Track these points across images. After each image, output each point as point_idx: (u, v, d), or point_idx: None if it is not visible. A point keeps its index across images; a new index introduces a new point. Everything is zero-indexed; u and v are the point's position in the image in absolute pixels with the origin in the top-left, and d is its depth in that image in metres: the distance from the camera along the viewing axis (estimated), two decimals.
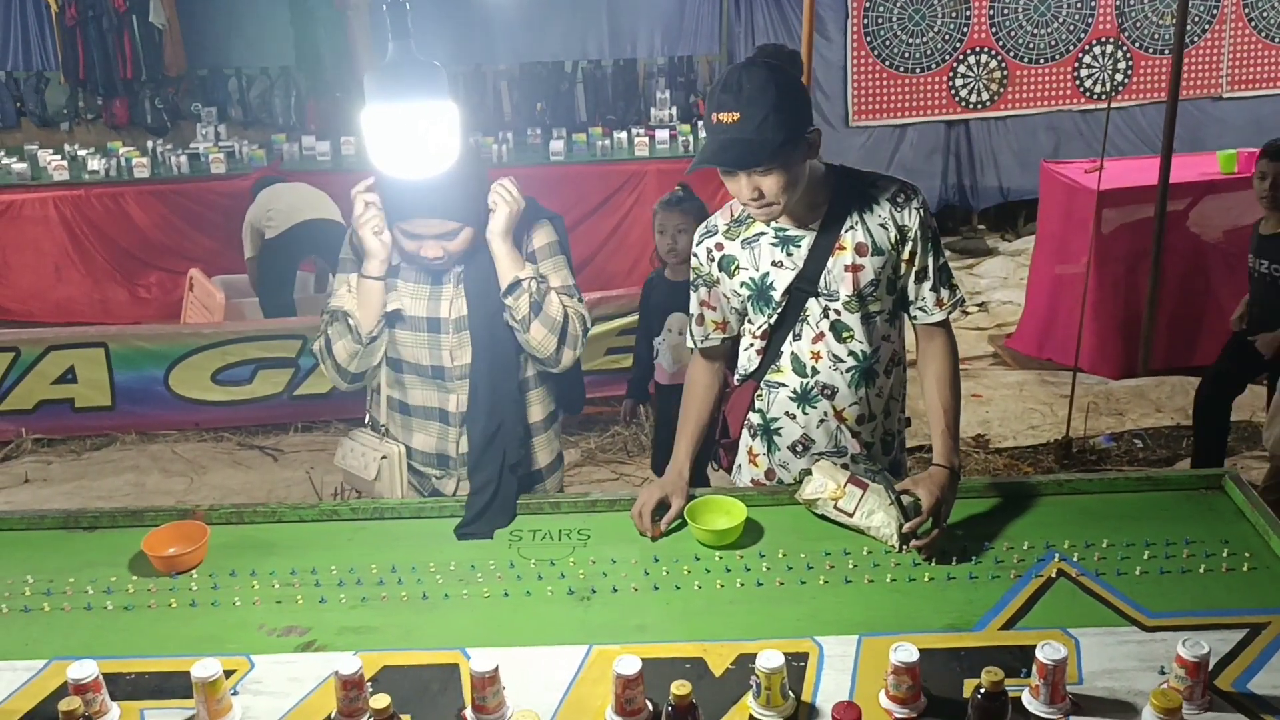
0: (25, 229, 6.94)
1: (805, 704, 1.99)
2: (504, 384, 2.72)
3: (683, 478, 2.63)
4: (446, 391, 2.76)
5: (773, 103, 2.32)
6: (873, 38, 8.33)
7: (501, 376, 2.71)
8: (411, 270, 2.72)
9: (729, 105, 2.34)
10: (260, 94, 8.53)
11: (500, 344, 2.70)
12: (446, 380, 2.75)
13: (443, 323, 2.71)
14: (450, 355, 2.72)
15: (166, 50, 8.14)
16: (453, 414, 2.77)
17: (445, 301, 2.70)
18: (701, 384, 2.77)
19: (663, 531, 2.54)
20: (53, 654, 2.19)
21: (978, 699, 1.81)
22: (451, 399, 2.76)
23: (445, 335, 2.71)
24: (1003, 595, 2.29)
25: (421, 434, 2.83)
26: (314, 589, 2.40)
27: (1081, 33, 8.51)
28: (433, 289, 2.71)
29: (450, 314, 2.70)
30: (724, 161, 2.38)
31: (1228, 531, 2.47)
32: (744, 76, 2.35)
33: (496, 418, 2.69)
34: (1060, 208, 6.37)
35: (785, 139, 2.33)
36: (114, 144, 7.72)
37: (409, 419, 2.83)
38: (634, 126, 7.84)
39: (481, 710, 1.97)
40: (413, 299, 2.72)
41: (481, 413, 2.70)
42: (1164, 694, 1.79)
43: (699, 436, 2.74)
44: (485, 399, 2.70)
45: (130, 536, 2.58)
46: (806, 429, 2.68)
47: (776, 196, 2.40)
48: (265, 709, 2.03)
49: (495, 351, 2.70)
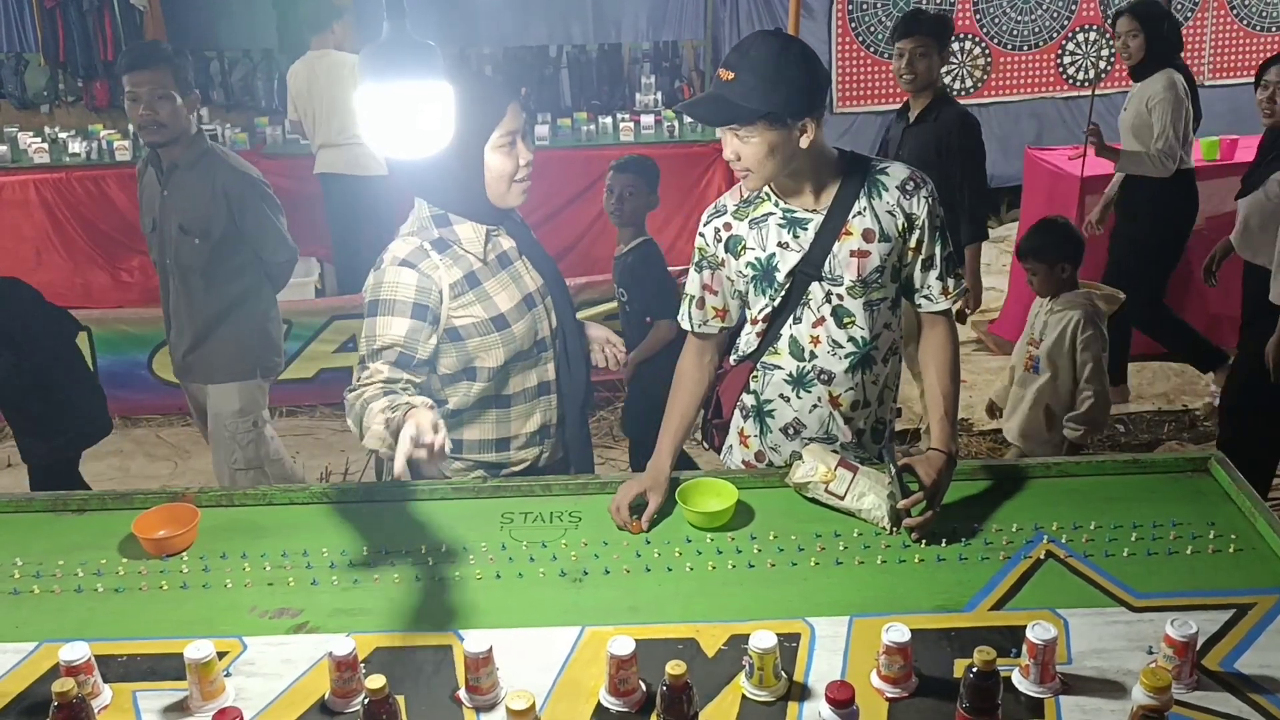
0: (5, 212, 6.87)
1: (798, 684, 2.01)
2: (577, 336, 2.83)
3: (663, 474, 2.60)
4: (544, 364, 2.72)
5: (767, 74, 2.33)
6: (857, 24, 8.32)
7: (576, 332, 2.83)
8: (482, 269, 2.61)
9: (731, 64, 2.38)
10: (243, 77, 8.46)
11: (567, 299, 2.80)
12: (542, 352, 2.71)
13: (534, 296, 2.69)
14: (544, 324, 2.71)
15: (148, 32, 8.06)
16: (551, 383, 2.75)
17: (525, 277, 2.69)
18: (691, 378, 2.74)
19: (644, 528, 2.51)
20: (44, 636, 2.19)
21: (970, 678, 1.82)
22: (549, 369, 2.74)
23: (539, 308, 2.70)
24: (992, 576, 2.31)
25: (521, 419, 2.74)
26: (305, 571, 2.40)
27: (1065, 20, 8.52)
28: (509, 272, 2.67)
29: (534, 285, 2.71)
30: (694, 113, 2.47)
31: (1214, 513, 2.49)
32: (756, 42, 2.39)
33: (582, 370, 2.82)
34: (1044, 194, 6.39)
35: (765, 113, 2.34)
36: (95, 126, 7.65)
37: (506, 410, 2.71)
38: (619, 112, 7.82)
39: (475, 691, 1.98)
40: (504, 289, 2.64)
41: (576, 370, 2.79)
42: (1154, 673, 1.81)
43: (683, 434, 2.72)
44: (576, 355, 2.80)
45: (120, 519, 2.57)
46: (799, 413, 2.68)
47: (751, 165, 2.42)
48: (258, 690, 2.03)
49: (567, 306, 2.80)
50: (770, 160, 2.41)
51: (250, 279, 3.98)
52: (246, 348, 4.05)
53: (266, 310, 4.09)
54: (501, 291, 2.63)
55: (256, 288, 4.02)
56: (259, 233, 3.88)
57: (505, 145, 2.52)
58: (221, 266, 3.90)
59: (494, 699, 1.98)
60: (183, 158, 3.80)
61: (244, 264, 3.94)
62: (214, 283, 3.93)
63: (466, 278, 2.58)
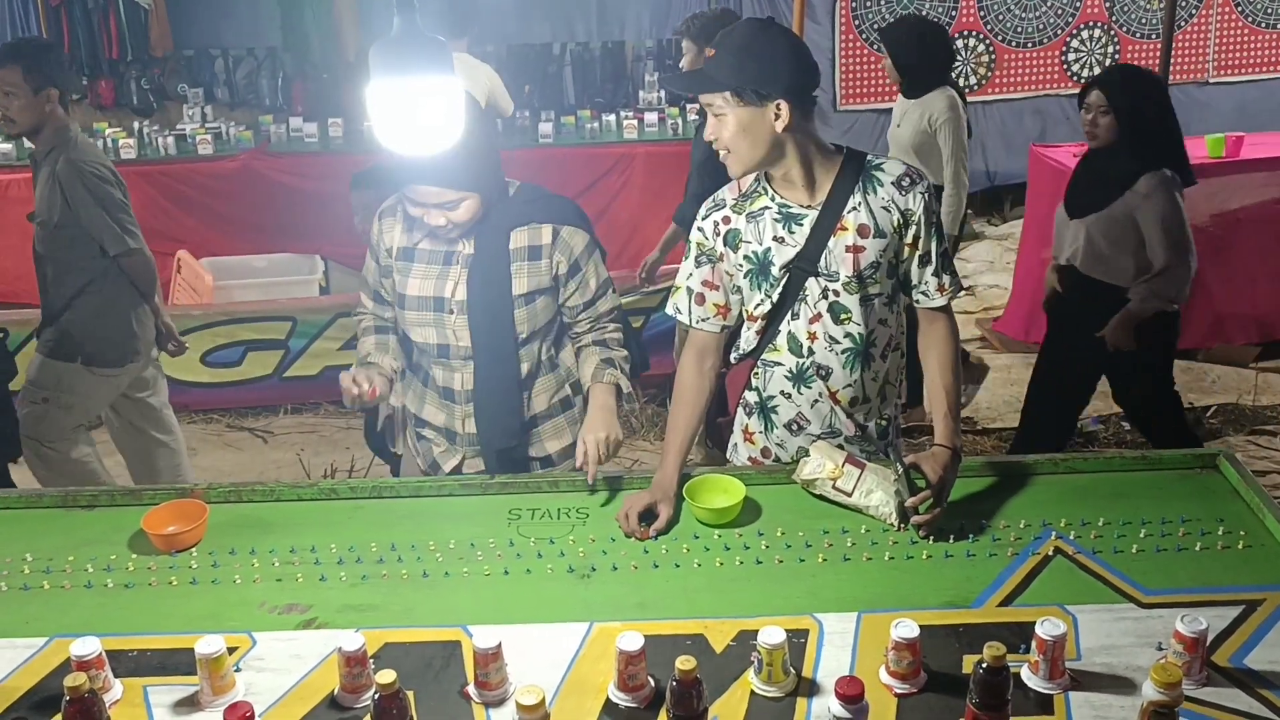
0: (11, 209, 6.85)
1: (806, 680, 2.01)
2: (501, 369, 2.78)
3: (671, 486, 2.58)
4: (452, 370, 2.81)
5: (740, 50, 2.39)
6: (861, 21, 8.31)
7: (500, 361, 2.78)
8: (425, 251, 2.76)
9: (715, 42, 2.45)
10: (247, 75, 8.46)
11: (500, 330, 2.75)
12: (451, 359, 2.79)
13: (446, 302, 2.74)
14: (454, 335, 2.75)
15: (152, 30, 8.07)
16: (458, 392, 2.83)
17: (450, 282, 2.74)
18: (692, 388, 2.70)
19: (651, 536, 2.50)
20: (54, 632, 2.19)
21: (979, 674, 1.82)
22: (457, 377, 2.81)
23: (448, 315, 2.74)
24: (1000, 573, 2.31)
25: (432, 407, 2.89)
26: (314, 567, 2.40)
27: (1069, 17, 8.52)
28: (441, 269, 2.75)
29: (454, 295, 2.73)
30: (671, 84, 2.63)
31: (1223, 510, 2.49)
32: (741, 24, 2.47)
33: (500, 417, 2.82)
34: (1049, 191, 6.37)
35: (732, 87, 2.38)
36: (100, 125, 7.65)
37: (425, 390, 2.91)
38: (622, 109, 7.81)
39: (484, 686, 1.98)
40: (422, 279, 2.76)
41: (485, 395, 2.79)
42: (1164, 668, 1.80)
43: (689, 445, 2.69)
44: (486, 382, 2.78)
45: (129, 515, 2.58)
46: (801, 408, 2.68)
47: (726, 144, 2.46)
48: (268, 685, 2.03)
49: (494, 337, 2.75)
50: (744, 139, 2.43)
51: (97, 270, 4.03)
52: (89, 336, 4.09)
53: (115, 302, 4.10)
54: (419, 279, 2.76)
55: (103, 279, 4.05)
56: (89, 223, 3.95)
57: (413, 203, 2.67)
58: (66, 254, 4.01)
59: (503, 694, 1.98)
60: (41, 149, 3.98)
61: (90, 255, 4.00)
62: (60, 270, 4.05)
63: (407, 250, 2.79)
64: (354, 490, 2.72)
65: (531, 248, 2.75)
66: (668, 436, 2.70)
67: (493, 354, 2.77)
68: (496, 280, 2.72)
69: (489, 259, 2.73)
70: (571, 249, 2.78)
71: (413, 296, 2.77)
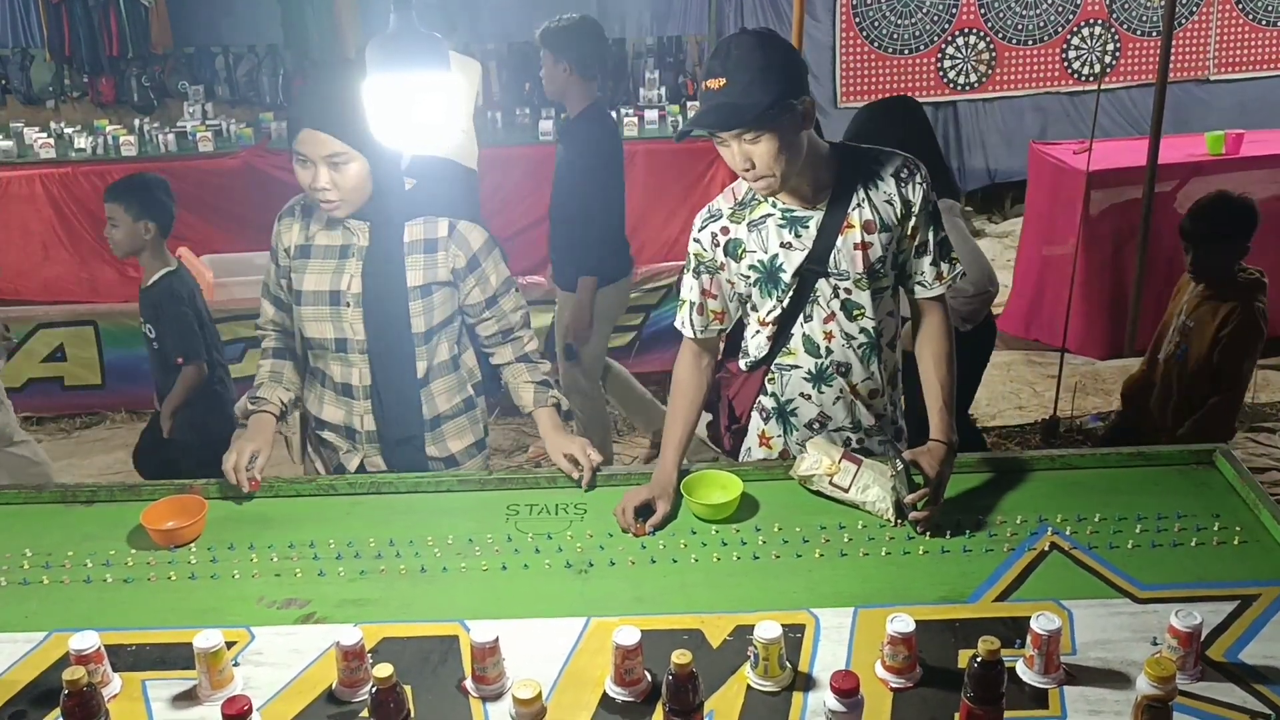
0: (12, 207, 6.87)
1: (802, 674, 2.01)
2: (399, 363, 2.76)
3: (670, 483, 2.59)
4: (350, 365, 2.77)
5: (758, 67, 2.31)
6: (861, 18, 8.32)
7: (397, 355, 2.75)
8: (321, 247, 2.74)
9: (716, 71, 2.34)
10: (247, 72, 8.45)
11: (396, 324, 2.72)
12: (349, 354, 2.76)
13: (341, 295, 2.71)
14: (351, 328, 2.73)
15: (153, 27, 8.07)
16: (357, 388, 2.79)
17: (346, 275, 2.71)
18: (690, 385, 2.72)
19: (648, 532, 2.50)
20: (53, 626, 2.20)
21: (975, 668, 1.83)
22: (355, 373, 2.77)
23: (344, 308, 2.71)
24: (996, 568, 2.31)
25: (331, 405, 2.85)
26: (312, 562, 2.41)
27: (1070, 14, 8.52)
28: (337, 263, 2.72)
29: (349, 288, 2.71)
30: (706, 124, 2.36)
31: (1219, 505, 2.50)
32: (733, 44, 2.36)
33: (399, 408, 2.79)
34: (1049, 189, 6.39)
35: (771, 103, 2.30)
36: (100, 122, 7.66)
37: (324, 390, 2.86)
38: (622, 106, 7.81)
39: (482, 681, 1.99)
40: (318, 274, 2.73)
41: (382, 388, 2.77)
42: (1159, 662, 1.81)
43: (687, 442, 2.69)
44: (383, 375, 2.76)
45: (128, 510, 2.58)
46: (823, 407, 2.69)
47: (769, 167, 2.38)
48: (266, 679, 2.04)
49: (391, 330, 2.73)
50: (788, 156, 2.38)
51: None
52: None
53: None
54: (316, 274, 2.73)
55: None
56: None
57: (299, 160, 2.60)
58: None
59: (500, 689, 1.99)
60: None
61: None
62: None
63: (304, 247, 2.77)
64: (352, 486, 2.73)
65: (427, 240, 2.72)
66: (665, 433, 2.70)
67: (389, 347, 2.74)
68: (391, 273, 2.70)
69: (384, 251, 2.70)
70: (469, 243, 2.74)
71: (309, 291, 2.74)
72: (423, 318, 2.73)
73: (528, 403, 2.85)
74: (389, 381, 2.77)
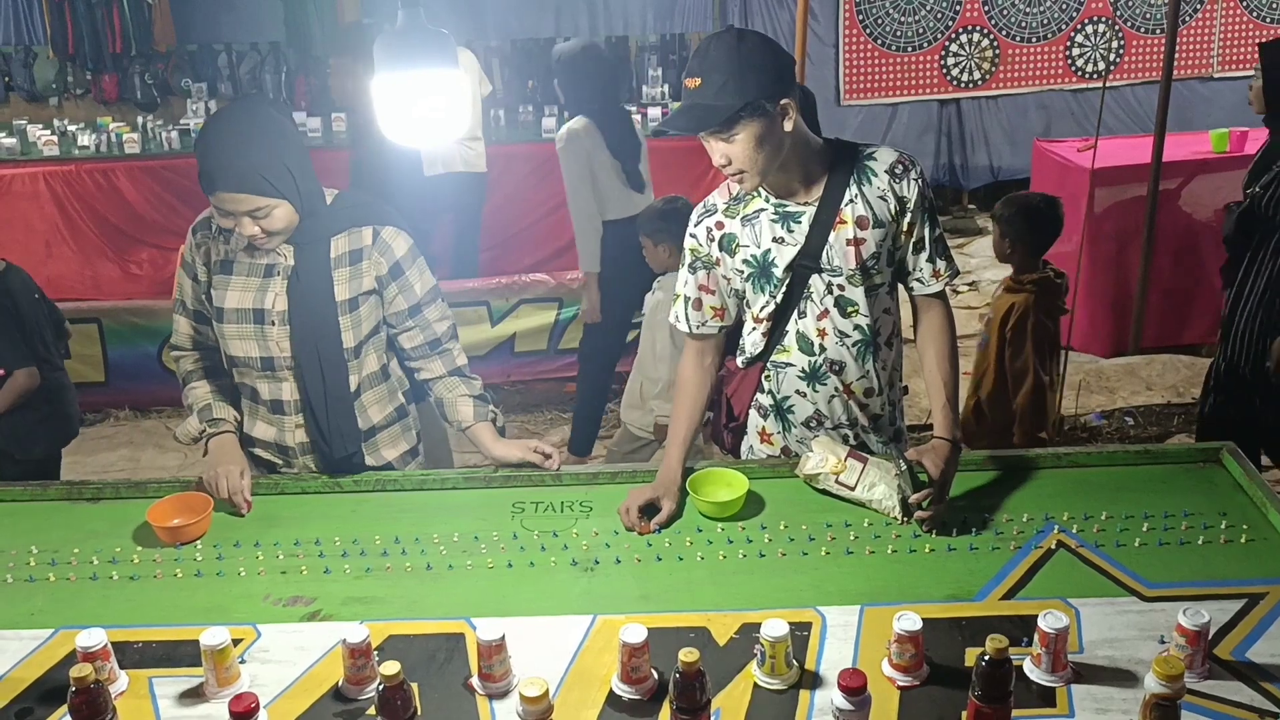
0: (15, 205, 6.87)
1: (809, 672, 2.01)
2: (332, 378, 2.70)
3: (674, 481, 2.59)
4: (279, 381, 2.73)
5: (732, 69, 2.31)
6: (865, 16, 8.30)
7: (329, 371, 2.69)
8: (244, 265, 2.66)
9: (694, 70, 2.35)
10: (250, 70, 8.46)
11: (326, 340, 2.67)
12: (277, 370, 2.71)
13: (266, 314, 2.65)
14: (277, 346, 2.67)
15: (156, 25, 8.07)
16: (287, 403, 2.74)
17: (271, 294, 2.65)
18: (693, 384, 2.72)
19: (653, 530, 2.49)
20: (59, 623, 2.21)
21: (982, 666, 1.82)
22: (285, 387, 2.73)
23: (270, 327, 2.66)
24: (1003, 566, 2.31)
25: (263, 423, 2.80)
26: (318, 560, 2.41)
27: (1074, 12, 8.50)
28: (261, 281, 2.66)
29: (274, 306, 2.65)
30: (675, 125, 2.39)
31: (1226, 504, 2.49)
32: (712, 44, 2.36)
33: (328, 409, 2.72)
34: (1053, 186, 6.37)
35: (743, 105, 2.31)
36: (104, 119, 7.66)
37: (256, 406, 2.80)
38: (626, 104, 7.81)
39: (488, 679, 1.99)
40: (241, 291, 2.67)
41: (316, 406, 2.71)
42: (1167, 661, 1.81)
43: (690, 440, 2.69)
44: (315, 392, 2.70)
45: (134, 508, 2.59)
46: (818, 405, 2.68)
47: (744, 164, 2.39)
48: (273, 677, 2.05)
49: (321, 346, 2.67)
50: (760, 152, 2.38)
51: None
52: None
53: None
54: (239, 291, 2.66)
55: None
56: None
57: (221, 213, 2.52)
58: None
59: (507, 686, 1.99)
60: None
61: None
62: None
63: (225, 263, 2.68)
64: (358, 484, 2.72)
65: (352, 252, 2.67)
66: (670, 432, 2.70)
67: (320, 364, 2.67)
68: (318, 290, 2.64)
69: (310, 269, 2.63)
70: (392, 249, 2.68)
71: (231, 309, 2.66)
72: (352, 332, 2.69)
73: (466, 417, 2.78)
74: (322, 397, 2.69)
